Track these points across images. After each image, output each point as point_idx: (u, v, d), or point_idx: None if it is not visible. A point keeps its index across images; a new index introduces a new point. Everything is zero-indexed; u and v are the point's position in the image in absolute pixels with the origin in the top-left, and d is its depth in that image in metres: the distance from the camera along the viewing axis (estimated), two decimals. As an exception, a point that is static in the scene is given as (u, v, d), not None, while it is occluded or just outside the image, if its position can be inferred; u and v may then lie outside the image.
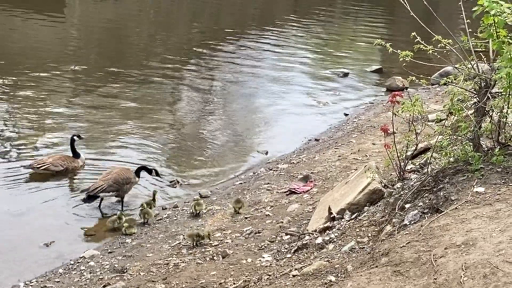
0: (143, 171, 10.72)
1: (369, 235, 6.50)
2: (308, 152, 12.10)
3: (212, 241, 8.17)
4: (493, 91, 6.43)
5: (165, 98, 16.00)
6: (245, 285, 6.56)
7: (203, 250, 7.98)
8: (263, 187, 10.21)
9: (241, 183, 10.87)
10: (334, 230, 7.12)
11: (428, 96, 15.05)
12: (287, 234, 7.84)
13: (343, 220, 7.30)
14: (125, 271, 7.78)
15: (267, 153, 12.57)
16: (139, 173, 10.62)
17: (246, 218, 8.96)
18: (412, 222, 5.99)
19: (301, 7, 31.62)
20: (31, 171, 11.01)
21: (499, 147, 6.46)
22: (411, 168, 7.72)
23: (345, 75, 18.63)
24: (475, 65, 6.57)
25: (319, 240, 7.00)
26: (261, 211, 9.10)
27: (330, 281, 5.59)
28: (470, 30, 6.74)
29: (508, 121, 6.58)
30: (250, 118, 14.87)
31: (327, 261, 6.16)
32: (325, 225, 7.37)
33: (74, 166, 11.36)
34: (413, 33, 6.80)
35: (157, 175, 10.84)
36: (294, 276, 6.15)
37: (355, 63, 20.76)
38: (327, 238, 6.97)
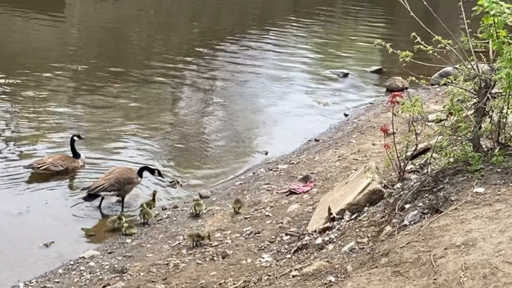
0: (145, 171, 10.71)
1: (369, 235, 6.50)
2: (308, 152, 12.10)
3: (212, 242, 8.17)
4: (493, 91, 6.43)
5: (165, 98, 16.00)
6: (245, 285, 6.56)
7: (203, 250, 7.98)
8: (263, 188, 10.21)
9: (241, 184, 10.87)
10: (334, 230, 7.12)
11: (428, 96, 15.05)
12: (287, 234, 7.84)
13: (343, 220, 7.30)
14: (125, 271, 7.78)
15: (267, 153, 12.57)
16: (141, 173, 10.60)
17: (246, 218, 8.96)
18: (412, 222, 5.99)
19: (301, 7, 31.59)
20: (31, 171, 11.01)
21: (499, 147, 6.46)
22: (411, 168, 7.72)
23: (345, 75, 18.62)
24: (475, 65, 6.57)
25: (319, 240, 7.00)
26: (261, 212, 9.10)
27: (330, 281, 5.59)
28: (470, 30, 6.73)
29: (508, 122, 6.58)
30: (249, 118, 14.86)
31: (327, 261, 6.16)
32: (325, 226, 7.37)
33: (74, 166, 11.36)
34: (413, 33, 6.80)
35: (160, 176, 10.80)
36: (294, 276, 6.15)
37: (355, 63, 20.75)
38: (327, 238, 6.97)
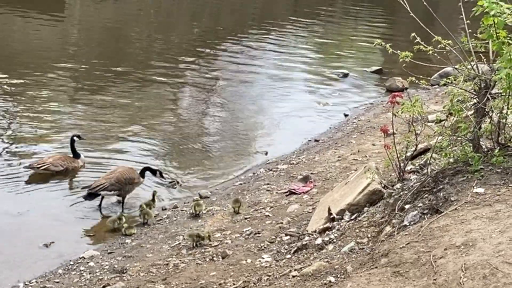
0: (147, 172, 10.69)
1: (369, 235, 6.50)
2: (308, 152, 12.10)
3: (212, 242, 8.17)
4: (493, 92, 6.44)
5: (165, 98, 15.99)
6: (245, 285, 6.57)
7: (202, 250, 7.98)
8: (263, 188, 10.21)
9: (240, 184, 10.86)
10: (333, 230, 7.12)
11: (428, 96, 15.05)
12: (286, 234, 7.84)
13: (342, 220, 7.30)
14: (125, 271, 7.78)
15: (266, 153, 12.57)
16: (144, 173, 10.58)
17: (245, 218, 8.96)
18: (411, 222, 5.99)
19: (301, 7, 31.57)
20: (31, 171, 11.01)
21: (498, 148, 6.46)
22: (410, 168, 7.72)
23: (345, 75, 18.61)
24: (475, 66, 6.57)
25: (319, 240, 7.00)
26: (261, 212, 9.10)
27: (329, 281, 5.59)
28: (470, 30, 6.73)
29: (507, 122, 6.58)
30: (249, 118, 14.85)
31: (327, 261, 6.16)
32: (325, 226, 7.37)
33: (74, 166, 11.35)
34: (413, 34, 6.80)
35: (161, 177, 10.76)
36: (293, 276, 6.16)
37: (355, 63, 20.75)
38: (326, 238, 6.97)
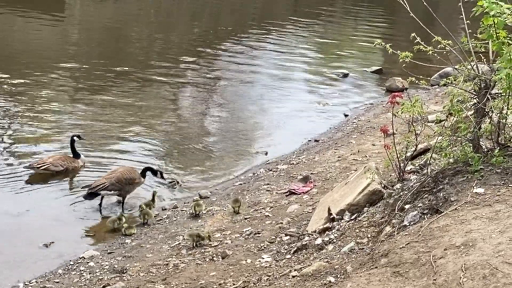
0: (148, 172, 10.68)
1: (369, 236, 6.50)
2: (307, 152, 12.10)
3: (211, 242, 8.17)
4: (492, 92, 6.43)
5: (165, 98, 15.99)
6: (245, 285, 6.57)
7: (202, 250, 7.98)
8: (263, 188, 10.21)
9: (240, 184, 10.86)
10: (333, 231, 7.12)
11: (428, 97, 15.05)
12: (286, 235, 7.84)
13: (342, 221, 7.30)
14: (125, 271, 7.78)
15: (266, 153, 12.56)
16: (145, 173, 10.57)
17: (245, 218, 8.96)
18: (411, 223, 5.99)
19: (301, 7, 31.58)
20: (31, 171, 11.01)
21: (498, 148, 6.46)
22: (410, 169, 7.72)
23: (345, 75, 18.61)
24: (475, 66, 6.57)
25: (319, 241, 7.00)
26: (261, 212, 9.10)
27: (329, 282, 5.59)
28: (470, 31, 6.73)
29: (507, 122, 6.58)
30: (249, 118, 14.85)
31: (327, 262, 6.16)
32: (325, 226, 7.37)
33: (74, 166, 11.35)
34: (413, 34, 6.80)
35: (162, 177, 10.74)
36: (293, 277, 6.16)
37: (355, 63, 20.75)
38: (326, 239, 6.97)
